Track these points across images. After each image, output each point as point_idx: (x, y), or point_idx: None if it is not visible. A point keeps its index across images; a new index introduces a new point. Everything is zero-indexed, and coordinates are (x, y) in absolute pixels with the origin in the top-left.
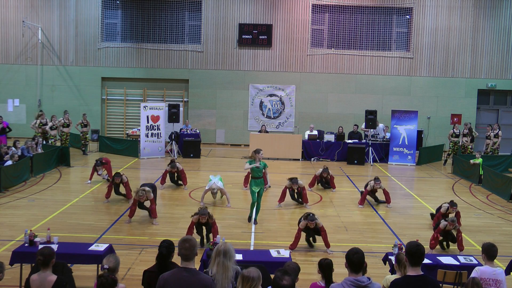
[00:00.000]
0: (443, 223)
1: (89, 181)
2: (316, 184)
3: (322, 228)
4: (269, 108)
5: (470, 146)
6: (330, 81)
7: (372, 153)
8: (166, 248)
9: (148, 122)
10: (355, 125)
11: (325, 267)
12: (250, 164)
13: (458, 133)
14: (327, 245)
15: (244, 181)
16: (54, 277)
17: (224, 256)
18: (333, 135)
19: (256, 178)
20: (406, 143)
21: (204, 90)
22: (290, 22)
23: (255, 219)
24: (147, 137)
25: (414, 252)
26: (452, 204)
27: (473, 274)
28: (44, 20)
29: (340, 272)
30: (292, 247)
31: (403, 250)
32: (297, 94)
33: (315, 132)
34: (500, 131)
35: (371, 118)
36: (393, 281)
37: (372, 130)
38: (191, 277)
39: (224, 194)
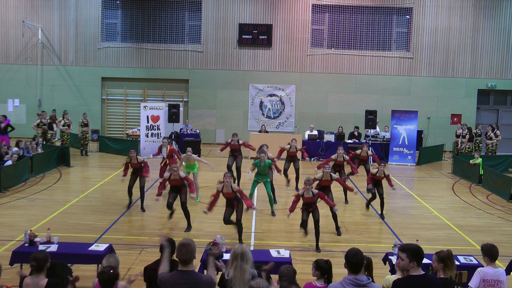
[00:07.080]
0: None
1: (123, 177)
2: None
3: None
4: (269, 108)
5: (467, 146)
6: (330, 81)
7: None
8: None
9: (148, 122)
10: (356, 127)
11: (326, 269)
12: (255, 165)
13: (461, 133)
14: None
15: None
16: (45, 281)
17: (242, 259)
18: (333, 135)
19: (260, 175)
20: (406, 143)
21: (204, 90)
22: (290, 22)
23: (272, 211)
24: (147, 137)
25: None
26: None
27: (475, 276)
28: (44, 20)
29: (340, 272)
30: (291, 209)
31: None
32: (297, 94)
33: (315, 132)
34: (492, 133)
35: (371, 118)
36: (395, 281)
37: (372, 130)
38: (190, 280)
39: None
